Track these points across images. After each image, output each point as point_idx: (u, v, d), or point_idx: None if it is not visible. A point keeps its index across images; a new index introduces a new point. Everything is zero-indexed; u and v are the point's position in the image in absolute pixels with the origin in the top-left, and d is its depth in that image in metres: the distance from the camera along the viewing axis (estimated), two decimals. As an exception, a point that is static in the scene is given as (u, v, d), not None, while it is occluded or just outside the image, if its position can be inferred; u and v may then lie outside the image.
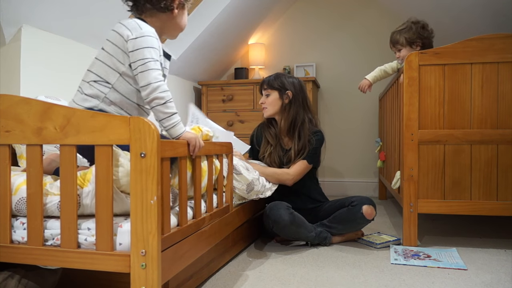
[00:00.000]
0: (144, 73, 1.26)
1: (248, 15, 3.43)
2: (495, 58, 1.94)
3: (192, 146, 1.30)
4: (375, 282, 1.55)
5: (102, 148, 1.06)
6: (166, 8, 1.40)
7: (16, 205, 1.18)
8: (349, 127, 3.84)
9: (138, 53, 1.27)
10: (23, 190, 1.17)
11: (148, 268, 1.02)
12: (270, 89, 2.26)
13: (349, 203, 2.06)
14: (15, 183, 1.19)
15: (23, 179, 1.20)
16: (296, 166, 2.18)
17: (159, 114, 1.29)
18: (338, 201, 2.16)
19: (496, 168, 1.94)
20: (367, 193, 3.78)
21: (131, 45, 1.28)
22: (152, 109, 1.29)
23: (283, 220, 1.94)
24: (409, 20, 2.39)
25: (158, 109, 1.28)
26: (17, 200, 1.18)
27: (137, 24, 1.32)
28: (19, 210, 1.18)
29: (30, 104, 1.10)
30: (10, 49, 1.83)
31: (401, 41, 2.35)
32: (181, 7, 1.45)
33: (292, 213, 1.98)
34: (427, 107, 2.01)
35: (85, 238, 1.11)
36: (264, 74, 3.95)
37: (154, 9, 1.39)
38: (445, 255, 1.85)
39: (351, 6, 3.82)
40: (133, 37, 1.28)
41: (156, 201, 1.02)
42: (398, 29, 2.40)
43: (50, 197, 1.16)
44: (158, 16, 1.41)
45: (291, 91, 2.23)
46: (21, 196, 1.18)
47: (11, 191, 1.17)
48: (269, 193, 2.05)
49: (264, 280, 1.58)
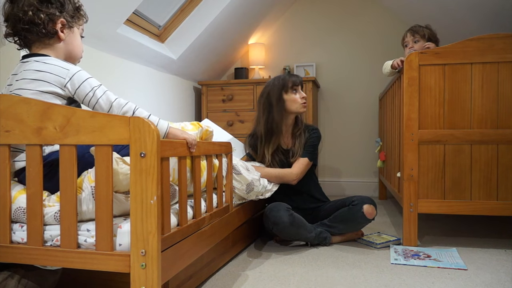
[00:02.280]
0: (99, 100, 1.22)
1: (248, 15, 3.43)
2: (495, 58, 1.94)
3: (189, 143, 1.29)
4: (375, 282, 1.55)
5: (102, 148, 1.06)
6: (50, 33, 1.29)
7: (14, 214, 1.17)
8: (349, 127, 3.84)
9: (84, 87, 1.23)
10: (21, 200, 1.17)
11: (148, 268, 1.02)
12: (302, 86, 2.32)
13: (350, 203, 2.06)
14: (13, 191, 1.19)
15: (21, 188, 1.20)
16: (299, 164, 2.19)
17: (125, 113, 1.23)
18: (339, 201, 2.16)
19: (496, 168, 1.94)
20: (367, 193, 3.78)
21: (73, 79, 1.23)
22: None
23: (283, 222, 1.94)
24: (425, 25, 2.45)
25: (124, 111, 1.22)
26: (15, 209, 1.17)
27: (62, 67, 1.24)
28: (17, 219, 1.18)
29: (30, 104, 1.10)
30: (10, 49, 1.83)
31: (422, 33, 2.37)
32: (68, 29, 1.33)
33: (292, 214, 1.98)
34: (427, 107, 2.01)
35: (84, 239, 1.11)
36: (264, 74, 3.95)
37: (39, 37, 1.28)
38: (445, 255, 1.85)
39: (351, 6, 3.82)
40: (71, 75, 1.23)
41: (156, 201, 1.02)
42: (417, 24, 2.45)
43: (47, 209, 1.15)
44: (46, 43, 1.31)
45: None
46: (18, 205, 1.17)
47: (11, 191, 1.16)
48: (268, 194, 2.05)
49: (264, 280, 1.58)
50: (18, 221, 1.18)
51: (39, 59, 1.26)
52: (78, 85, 1.23)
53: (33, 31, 1.27)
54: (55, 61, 1.26)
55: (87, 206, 1.15)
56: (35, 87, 1.22)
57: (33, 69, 1.24)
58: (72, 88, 1.23)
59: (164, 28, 3.04)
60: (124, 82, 2.59)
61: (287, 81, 2.22)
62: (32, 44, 1.31)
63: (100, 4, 2.06)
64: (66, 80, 1.23)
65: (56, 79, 1.23)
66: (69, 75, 1.23)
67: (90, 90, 1.23)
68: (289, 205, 2.06)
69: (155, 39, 2.96)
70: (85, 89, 1.23)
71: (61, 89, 1.23)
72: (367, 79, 3.78)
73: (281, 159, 2.25)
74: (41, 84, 1.22)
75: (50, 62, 1.25)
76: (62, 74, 1.23)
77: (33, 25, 1.26)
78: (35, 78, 1.22)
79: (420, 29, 2.39)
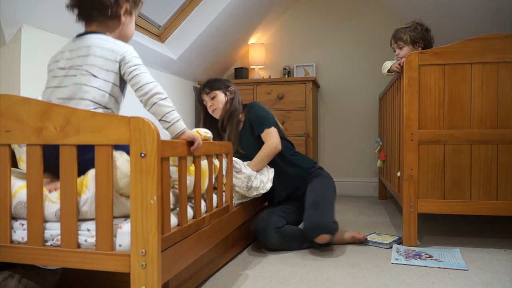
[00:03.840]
0: (140, 75, 1.27)
1: (248, 15, 3.44)
2: (495, 58, 1.94)
3: (197, 143, 1.31)
4: (375, 282, 1.55)
5: (102, 148, 1.06)
6: (114, 15, 1.36)
7: (15, 209, 1.17)
8: (349, 127, 3.84)
9: (131, 61, 1.29)
10: (22, 194, 1.17)
11: (148, 268, 1.02)
12: (214, 91, 2.26)
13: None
14: (14, 187, 1.19)
15: (22, 183, 1.20)
16: (267, 135, 2.16)
17: (162, 109, 1.25)
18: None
19: (496, 168, 1.94)
20: (367, 193, 3.79)
21: (124, 60, 1.29)
22: (153, 106, 1.25)
23: (272, 244, 1.96)
24: (414, 20, 2.37)
25: (160, 103, 1.25)
26: (15, 204, 1.17)
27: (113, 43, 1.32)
28: (18, 214, 1.18)
29: (30, 104, 1.10)
30: (10, 49, 1.83)
31: (405, 39, 2.33)
32: (128, 14, 1.41)
33: (282, 233, 1.96)
34: (427, 107, 2.01)
35: (85, 239, 1.11)
36: (264, 74, 3.95)
37: (101, 17, 1.36)
38: (448, 255, 1.85)
39: (351, 6, 3.82)
40: (123, 52, 1.29)
41: (156, 201, 1.02)
42: (403, 26, 2.38)
43: (49, 204, 1.15)
44: (106, 24, 1.37)
45: (232, 86, 2.31)
46: (19, 200, 1.17)
47: (11, 191, 1.16)
48: (269, 184, 2.04)
49: (264, 280, 1.58)
50: (19, 216, 1.18)
51: (101, 37, 1.32)
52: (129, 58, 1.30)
53: (100, 10, 1.34)
54: (114, 40, 1.34)
55: (90, 206, 1.13)
56: (101, 64, 1.27)
57: (99, 46, 1.29)
58: (123, 63, 1.29)
59: (164, 28, 3.04)
60: (124, 82, 2.59)
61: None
62: (92, 22, 1.37)
63: (100, 4, 2.06)
64: (120, 56, 1.30)
65: (114, 56, 1.29)
66: (123, 52, 1.30)
67: (138, 64, 1.29)
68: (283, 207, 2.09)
69: (155, 39, 2.96)
70: (132, 63, 1.30)
71: (118, 67, 1.30)
72: (367, 79, 3.78)
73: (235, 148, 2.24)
74: (105, 62, 1.28)
75: (111, 41, 1.32)
76: (120, 51, 1.30)
77: (101, 5, 1.33)
78: (99, 55, 1.28)
79: (401, 35, 2.33)
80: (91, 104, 1.24)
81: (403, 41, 2.34)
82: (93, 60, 1.27)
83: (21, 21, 1.82)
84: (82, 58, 1.28)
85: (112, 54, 1.28)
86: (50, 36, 1.99)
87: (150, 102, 1.25)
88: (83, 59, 1.28)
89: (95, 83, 1.26)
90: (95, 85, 1.26)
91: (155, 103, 1.25)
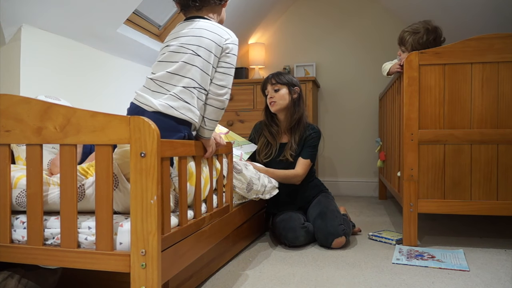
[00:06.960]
0: (228, 75, 1.42)
1: (248, 15, 3.43)
2: (495, 58, 1.94)
3: (208, 153, 1.44)
4: (375, 282, 1.55)
5: (102, 148, 1.06)
6: (224, 0, 1.52)
7: (17, 199, 1.18)
8: (349, 127, 3.84)
9: (232, 57, 1.43)
10: (23, 183, 1.18)
11: (148, 268, 1.02)
12: (280, 84, 2.27)
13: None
14: (15, 177, 1.20)
15: (22, 173, 1.21)
16: (302, 165, 2.25)
17: (215, 114, 1.43)
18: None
19: (496, 168, 1.94)
20: (367, 193, 3.79)
21: (228, 47, 1.43)
22: (211, 106, 1.42)
23: (300, 241, 2.01)
24: (425, 25, 2.19)
25: (217, 111, 1.43)
26: (17, 194, 1.18)
27: (226, 31, 1.46)
28: (20, 204, 1.19)
29: (30, 103, 1.10)
30: (10, 49, 1.83)
31: (407, 46, 2.22)
32: None
33: (307, 229, 2.03)
34: (427, 107, 2.01)
35: (85, 237, 1.11)
36: (264, 74, 3.95)
37: (213, 3, 1.48)
38: (450, 256, 1.84)
39: (351, 5, 3.82)
40: (230, 42, 1.43)
41: (156, 200, 1.02)
42: (411, 29, 2.23)
43: (52, 187, 1.18)
44: (215, 9, 1.51)
45: (298, 87, 2.32)
46: (21, 189, 1.19)
47: (11, 190, 1.17)
48: (268, 196, 2.06)
49: (264, 280, 1.58)
50: (21, 206, 1.19)
51: (209, 22, 1.46)
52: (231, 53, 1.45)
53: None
54: (219, 25, 1.49)
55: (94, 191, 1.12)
56: (207, 45, 1.40)
57: (208, 29, 1.43)
58: (224, 53, 1.44)
59: (164, 28, 3.04)
60: (124, 81, 2.59)
61: (264, 81, 2.35)
62: (203, 9, 1.49)
63: (100, 4, 2.06)
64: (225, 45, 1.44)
65: (220, 40, 1.43)
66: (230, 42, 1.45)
67: (232, 64, 1.45)
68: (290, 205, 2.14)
69: (155, 39, 2.95)
70: (230, 60, 1.45)
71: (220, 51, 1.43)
72: (367, 78, 3.78)
73: (271, 151, 2.29)
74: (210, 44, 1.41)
75: (217, 25, 1.47)
76: (227, 39, 1.45)
77: None
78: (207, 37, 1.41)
79: (404, 40, 2.22)
80: (192, 82, 1.36)
81: (405, 47, 2.24)
82: (201, 41, 1.39)
83: (21, 21, 1.81)
84: (191, 38, 1.40)
85: (219, 38, 1.41)
86: (50, 35, 1.99)
87: (215, 104, 1.42)
88: (192, 39, 1.40)
89: (198, 63, 1.38)
90: (197, 64, 1.38)
91: (217, 107, 1.42)
